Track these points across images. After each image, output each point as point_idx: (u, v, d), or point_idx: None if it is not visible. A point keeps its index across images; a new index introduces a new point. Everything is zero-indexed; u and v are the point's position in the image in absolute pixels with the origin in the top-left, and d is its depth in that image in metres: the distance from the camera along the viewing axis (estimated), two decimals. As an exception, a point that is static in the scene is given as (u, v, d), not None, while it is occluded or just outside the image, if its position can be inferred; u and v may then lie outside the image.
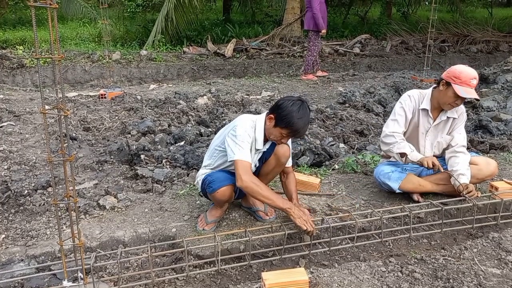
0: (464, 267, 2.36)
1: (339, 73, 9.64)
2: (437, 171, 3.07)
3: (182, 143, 4.47)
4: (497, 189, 3.14)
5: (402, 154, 3.07)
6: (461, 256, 2.48)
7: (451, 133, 3.18)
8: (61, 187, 3.43)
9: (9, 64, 8.64)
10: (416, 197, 3.19)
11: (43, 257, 2.58)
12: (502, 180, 3.31)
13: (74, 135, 4.78)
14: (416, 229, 2.91)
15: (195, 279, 2.53)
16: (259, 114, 2.95)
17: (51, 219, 3.00)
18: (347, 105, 6.25)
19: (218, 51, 10.76)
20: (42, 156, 4.18)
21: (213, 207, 2.86)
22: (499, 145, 4.46)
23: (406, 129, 3.19)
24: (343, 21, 15.42)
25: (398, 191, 3.16)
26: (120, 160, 4.11)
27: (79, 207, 3.00)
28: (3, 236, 2.82)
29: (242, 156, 2.54)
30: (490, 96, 6.42)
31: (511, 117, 5.38)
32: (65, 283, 2.18)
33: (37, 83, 8.43)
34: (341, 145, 4.53)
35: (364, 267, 2.37)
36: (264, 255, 2.69)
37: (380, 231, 2.71)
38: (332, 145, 4.44)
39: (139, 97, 6.68)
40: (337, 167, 3.87)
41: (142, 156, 4.04)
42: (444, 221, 2.85)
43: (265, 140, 2.73)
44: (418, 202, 3.12)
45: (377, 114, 5.86)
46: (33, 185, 3.38)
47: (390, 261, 2.46)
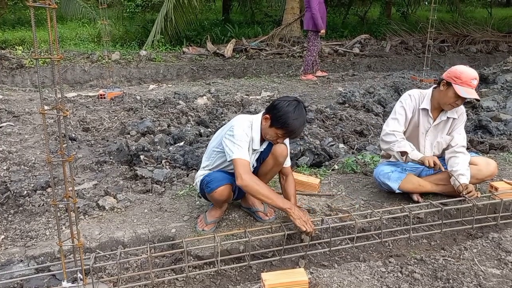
0: (464, 267, 2.36)
1: (338, 73, 9.64)
2: (437, 171, 3.07)
3: (182, 143, 4.46)
4: (497, 189, 3.14)
5: (402, 153, 3.06)
6: (461, 257, 2.48)
7: (451, 133, 3.18)
8: (60, 187, 3.43)
9: (8, 65, 8.63)
10: (416, 197, 3.19)
11: (42, 257, 2.58)
12: (502, 180, 3.31)
13: (73, 135, 4.78)
14: (416, 229, 2.90)
15: (195, 279, 2.52)
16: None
17: (50, 219, 2.99)
18: (346, 105, 6.25)
19: (217, 51, 10.75)
20: (42, 157, 4.18)
21: (213, 208, 2.85)
22: (498, 145, 4.46)
23: (406, 128, 3.19)
24: (342, 21, 15.43)
25: (397, 191, 3.16)
26: (120, 161, 4.11)
27: (79, 207, 3.00)
28: (3, 236, 2.82)
29: (241, 155, 2.53)
30: (490, 96, 6.42)
31: (510, 117, 5.38)
32: (65, 283, 2.18)
33: (36, 84, 8.42)
34: (341, 145, 4.53)
35: (364, 267, 2.37)
36: (263, 255, 2.69)
37: (380, 231, 2.71)
38: (332, 145, 4.44)
39: (138, 97, 6.68)
40: (336, 167, 3.87)
41: (142, 157, 4.04)
42: (444, 221, 2.85)
43: (261, 140, 2.72)
44: (418, 202, 3.12)
45: (377, 114, 5.86)
46: (32, 185, 3.38)
47: (389, 262, 2.46)
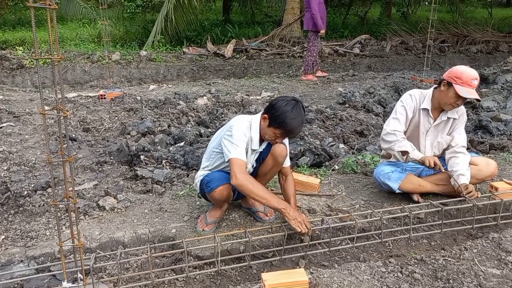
0: (464, 267, 2.36)
1: (339, 73, 9.64)
2: (437, 171, 3.07)
3: (182, 143, 4.47)
4: (497, 189, 3.15)
5: (403, 152, 3.06)
6: (461, 257, 2.48)
7: (451, 134, 3.18)
8: (60, 188, 3.43)
9: (8, 65, 8.63)
10: (416, 197, 3.19)
11: (42, 258, 2.58)
12: (502, 180, 3.31)
13: (73, 135, 4.78)
14: (416, 229, 2.90)
15: (195, 280, 2.52)
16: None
17: (50, 220, 2.99)
18: (347, 105, 6.25)
19: (218, 51, 10.75)
20: (42, 157, 4.18)
21: (213, 208, 2.85)
22: (499, 146, 4.46)
23: (407, 128, 3.19)
24: (342, 22, 15.42)
25: (398, 191, 3.16)
26: (120, 161, 4.11)
27: (79, 208, 3.00)
28: (3, 237, 2.82)
29: (237, 154, 2.53)
30: (490, 96, 6.42)
31: (511, 117, 5.38)
32: (65, 284, 2.17)
33: (36, 84, 8.43)
34: (341, 145, 4.53)
35: (364, 267, 2.37)
36: (264, 255, 2.69)
37: (380, 231, 2.71)
38: (332, 145, 4.43)
39: (138, 97, 6.68)
40: (337, 167, 3.87)
41: (142, 157, 4.04)
42: (444, 221, 2.85)
43: (261, 140, 2.73)
44: (418, 202, 3.12)
45: (377, 115, 5.86)
46: (32, 186, 3.38)
47: (390, 262, 2.46)
